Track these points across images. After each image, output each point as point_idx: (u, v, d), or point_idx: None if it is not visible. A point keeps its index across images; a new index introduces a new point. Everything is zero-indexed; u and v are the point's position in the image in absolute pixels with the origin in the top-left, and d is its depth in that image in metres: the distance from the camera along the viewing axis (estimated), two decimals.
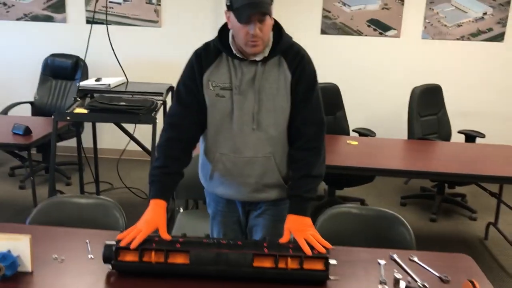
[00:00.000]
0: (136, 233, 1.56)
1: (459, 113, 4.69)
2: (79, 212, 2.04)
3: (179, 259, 1.54)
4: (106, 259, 1.56)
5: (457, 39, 4.63)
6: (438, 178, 3.76)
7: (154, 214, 1.64)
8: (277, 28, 1.73)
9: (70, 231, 1.85)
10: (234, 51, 1.68)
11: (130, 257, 1.55)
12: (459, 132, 4.21)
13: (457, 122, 4.50)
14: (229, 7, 1.61)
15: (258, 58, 1.68)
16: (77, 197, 2.12)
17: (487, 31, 4.58)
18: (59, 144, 4.02)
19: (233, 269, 1.52)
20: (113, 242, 1.56)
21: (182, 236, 1.62)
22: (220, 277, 1.53)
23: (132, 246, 1.53)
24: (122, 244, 1.54)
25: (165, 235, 1.60)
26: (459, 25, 4.59)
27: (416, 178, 4.42)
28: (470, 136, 4.10)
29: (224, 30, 1.72)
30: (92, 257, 1.66)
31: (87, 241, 1.76)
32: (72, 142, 4.26)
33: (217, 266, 1.52)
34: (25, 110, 4.54)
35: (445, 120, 4.21)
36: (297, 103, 1.72)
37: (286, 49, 1.71)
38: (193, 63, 1.74)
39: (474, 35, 4.60)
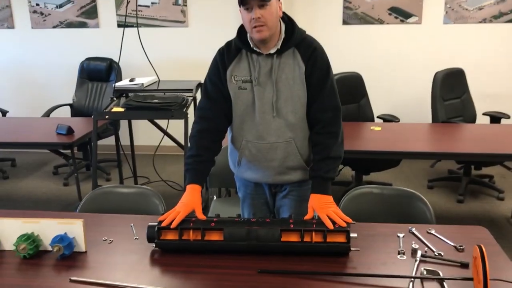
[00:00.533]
0: (175, 215, 1.74)
1: (483, 96, 4.70)
2: (122, 200, 2.24)
3: (214, 236, 1.70)
4: (150, 239, 1.74)
5: (479, 22, 4.64)
6: (465, 158, 3.82)
7: (190, 197, 1.82)
8: (290, 23, 1.88)
9: (115, 217, 2.04)
10: (252, 46, 1.85)
11: (171, 236, 1.72)
12: (484, 114, 4.25)
13: (482, 105, 4.52)
14: (238, 2, 1.78)
15: (272, 51, 1.84)
16: (119, 187, 2.33)
17: (509, 12, 4.57)
18: (98, 142, 4.27)
19: (263, 243, 1.67)
20: (156, 224, 1.75)
21: (216, 217, 1.79)
22: (251, 251, 1.68)
23: (173, 225, 1.70)
24: (163, 224, 1.72)
25: (201, 216, 1.78)
26: (480, 8, 4.60)
27: (443, 159, 4.48)
28: (495, 118, 4.13)
29: (242, 29, 1.88)
30: (137, 238, 1.85)
31: (132, 224, 1.94)
32: (108, 141, 4.51)
33: (248, 242, 1.67)
34: (65, 112, 4.82)
35: (469, 103, 4.25)
36: (313, 91, 1.86)
37: (299, 42, 1.86)
38: (217, 61, 1.92)
39: (496, 17, 4.61)
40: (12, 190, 4.47)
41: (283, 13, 1.87)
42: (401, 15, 4.72)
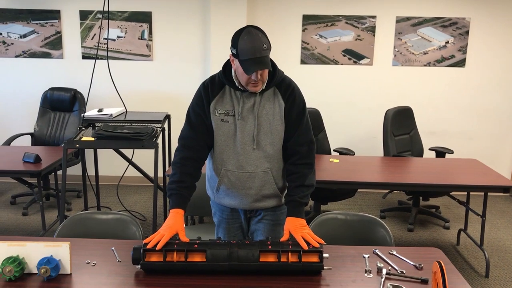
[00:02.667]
0: (159, 237, 1.83)
1: (429, 132, 5.10)
2: (101, 226, 2.29)
3: (197, 257, 1.81)
4: (135, 260, 1.82)
5: (424, 65, 5.08)
6: (414, 189, 4.10)
7: (174, 221, 1.92)
8: (272, 65, 2.04)
9: (96, 241, 2.10)
10: (237, 84, 2.00)
11: (155, 258, 1.81)
12: (430, 149, 4.60)
13: (428, 140, 4.90)
14: (235, 56, 1.90)
15: None
16: (98, 213, 2.38)
17: (450, 57, 5.05)
18: (59, 172, 4.25)
19: (243, 264, 1.79)
20: (140, 246, 1.83)
21: (198, 239, 1.90)
22: (232, 271, 1.80)
23: (158, 247, 1.79)
24: (149, 246, 1.81)
25: (184, 238, 1.88)
26: (425, 53, 5.05)
27: (395, 189, 4.77)
28: (440, 152, 4.48)
29: (227, 65, 2.03)
30: (120, 260, 1.92)
31: (113, 248, 2.01)
32: (71, 171, 4.49)
33: (230, 262, 1.79)
34: (24, 141, 4.76)
35: (417, 138, 4.60)
36: (290, 126, 2.04)
37: (279, 82, 2.04)
38: (201, 93, 2.05)
39: (438, 62, 5.07)
40: None
41: None
42: (354, 56, 5.08)
